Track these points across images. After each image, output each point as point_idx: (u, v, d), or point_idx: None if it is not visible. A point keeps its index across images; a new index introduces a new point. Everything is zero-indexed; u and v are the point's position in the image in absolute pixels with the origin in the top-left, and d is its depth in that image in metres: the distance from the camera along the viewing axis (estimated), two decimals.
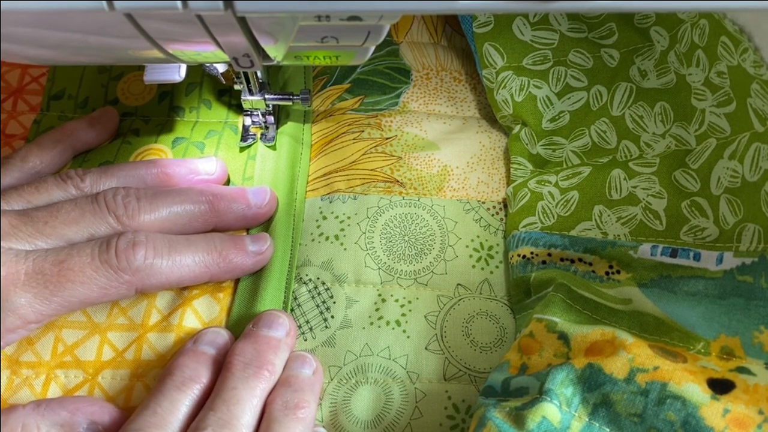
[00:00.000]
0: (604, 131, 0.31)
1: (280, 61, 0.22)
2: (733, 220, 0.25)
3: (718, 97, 0.27)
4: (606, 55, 0.33)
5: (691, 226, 0.27)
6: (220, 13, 0.16)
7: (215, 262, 0.27)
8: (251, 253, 0.28)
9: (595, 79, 0.33)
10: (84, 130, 0.32)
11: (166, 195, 0.27)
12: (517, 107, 0.32)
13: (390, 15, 0.18)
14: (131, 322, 0.27)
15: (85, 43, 0.20)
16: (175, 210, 0.27)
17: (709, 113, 0.28)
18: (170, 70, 0.28)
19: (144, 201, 0.27)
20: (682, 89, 0.30)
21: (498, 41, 0.33)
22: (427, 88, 0.36)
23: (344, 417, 0.25)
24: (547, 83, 0.33)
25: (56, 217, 0.25)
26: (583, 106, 0.32)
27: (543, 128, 0.32)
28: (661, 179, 0.28)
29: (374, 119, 0.34)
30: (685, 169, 0.28)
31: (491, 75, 0.33)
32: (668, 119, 0.30)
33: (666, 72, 0.31)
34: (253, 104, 0.31)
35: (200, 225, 0.28)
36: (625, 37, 0.33)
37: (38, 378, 0.26)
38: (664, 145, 0.30)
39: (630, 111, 0.31)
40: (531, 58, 0.33)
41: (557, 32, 0.34)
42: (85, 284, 0.24)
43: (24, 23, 0.18)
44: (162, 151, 0.33)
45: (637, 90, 0.32)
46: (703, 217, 0.26)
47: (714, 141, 0.27)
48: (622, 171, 0.29)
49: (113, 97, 0.35)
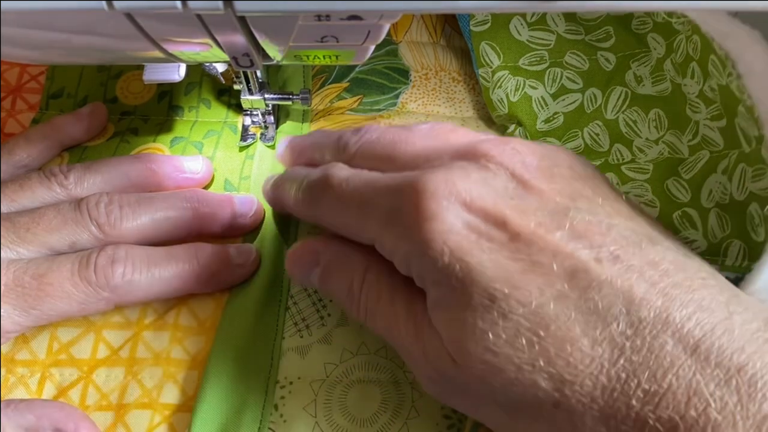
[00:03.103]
0: (597, 134, 0.32)
1: (280, 60, 0.22)
2: (721, 234, 0.25)
3: (712, 111, 0.27)
4: (602, 59, 0.33)
5: (681, 237, 0.27)
6: (220, 12, 0.16)
7: (196, 276, 0.26)
8: (235, 266, 0.27)
9: (591, 81, 0.33)
10: (72, 126, 0.32)
11: (150, 202, 0.27)
12: (513, 107, 0.32)
13: (390, 14, 0.18)
14: (126, 320, 0.27)
15: (84, 43, 0.20)
16: (158, 217, 0.27)
17: (703, 126, 0.28)
18: (170, 70, 0.28)
19: (127, 209, 0.26)
20: (677, 98, 0.30)
21: (495, 40, 0.33)
22: (426, 89, 0.36)
23: (340, 415, 0.25)
24: (542, 84, 0.33)
25: (38, 224, 0.25)
26: (577, 108, 0.32)
27: (537, 129, 0.32)
28: (654, 187, 0.29)
29: (372, 121, 0.34)
30: (677, 178, 0.28)
31: (487, 74, 0.33)
32: (662, 126, 0.30)
33: (662, 80, 0.31)
34: (253, 104, 0.31)
35: (184, 232, 0.28)
36: (622, 41, 0.33)
37: (33, 376, 0.26)
38: (657, 152, 0.30)
39: (624, 115, 0.31)
40: (527, 58, 0.33)
41: (554, 33, 0.34)
42: (64, 299, 0.24)
43: (23, 23, 0.18)
44: (160, 150, 0.33)
45: (632, 95, 0.32)
46: (693, 228, 0.27)
47: (707, 153, 0.27)
48: (615, 175, 0.30)
49: (112, 95, 0.35)
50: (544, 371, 0.16)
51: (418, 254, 0.19)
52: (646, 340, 0.16)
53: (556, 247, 0.17)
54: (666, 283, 0.16)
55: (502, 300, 0.17)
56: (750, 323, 0.16)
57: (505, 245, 0.18)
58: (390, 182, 0.21)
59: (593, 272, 0.17)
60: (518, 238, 0.18)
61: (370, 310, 0.22)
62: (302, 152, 0.29)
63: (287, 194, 0.26)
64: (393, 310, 0.21)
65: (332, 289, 0.24)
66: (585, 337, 0.16)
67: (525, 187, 0.19)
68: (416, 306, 0.20)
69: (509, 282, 0.17)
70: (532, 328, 0.16)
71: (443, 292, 0.18)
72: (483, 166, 0.20)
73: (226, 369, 0.25)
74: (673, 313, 0.16)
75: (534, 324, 0.17)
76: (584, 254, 0.17)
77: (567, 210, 0.18)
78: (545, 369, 0.16)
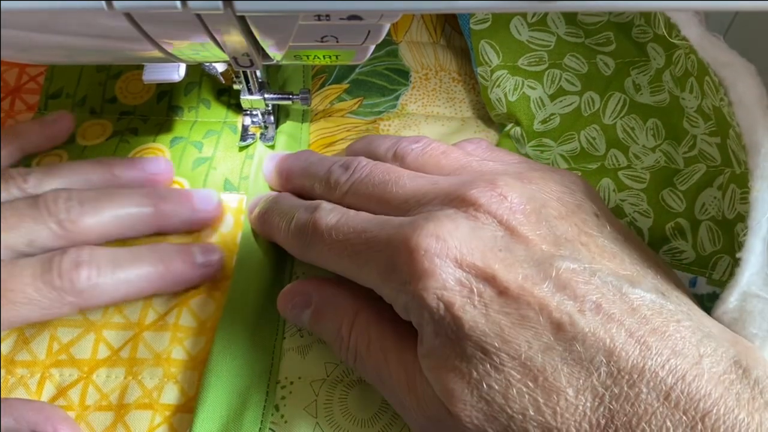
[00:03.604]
0: (593, 138, 0.32)
1: (280, 60, 0.22)
2: (711, 248, 0.26)
3: (710, 127, 0.27)
4: (601, 63, 0.33)
5: (671, 247, 0.27)
6: (220, 12, 0.16)
7: (161, 277, 0.26)
8: (198, 265, 0.27)
9: (589, 85, 0.33)
10: (35, 134, 0.31)
11: (110, 198, 0.27)
12: (511, 107, 0.32)
13: (390, 14, 0.18)
14: (127, 320, 0.27)
15: (83, 43, 0.20)
16: (118, 213, 0.27)
17: (700, 140, 0.28)
18: (169, 70, 0.28)
19: (87, 205, 0.26)
20: (674, 110, 0.30)
21: (494, 39, 0.33)
22: (426, 89, 0.36)
23: (341, 415, 0.25)
24: (541, 85, 0.33)
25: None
26: (574, 111, 0.32)
27: (534, 129, 0.32)
28: (650, 198, 0.29)
29: (372, 124, 0.34)
30: (672, 189, 0.28)
31: (486, 73, 0.33)
32: (659, 135, 0.31)
33: (660, 90, 0.31)
34: (253, 104, 0.31)
35: (144, 228, 0.28)
36: (622, 47, 0.33)
37: (33, 377, 0.26)
38: (654, 159, 0.30)
39: (622, 121, 0.31)
40: (527, 58, 0.33)
41: (554, 35, 0.34)
42: (26, 305, 0.24)
43: (23, 24, 0.18)
44: (160, 150, 0.33)
45: (631, 102, 0.32)
46: (683, 239, 0.27)
47: (704, 167, 0.27)
48: (611, 182, 0.30)
49: (111, 95, 0.35)
50: (534, 420, 0.18)
51: (416, 306, 0.20)
52: (623, 389, 0.17)
53: (542, 301, 0.18)
54: (643, 331, 0.18)
55: (494, 353, 0.18)
56: (718, 365, 0.17)
57: (495, 300, 0.19)
58: (382, 236, 0.21)
59: (577, 325, 0.18)
60: (507, 292, 0.19)
61: (359, 355, 0.23)
62: (290, 178, 0.29)
63: (276, 229, 0.26)
64: (383, 357, 0.22)
65: (322, 331, 0.24)
66: (570, 386, 0.18)
67: (513, 235, 0.20)
68: (407, 354, 0.21)
69: (500, 336, 0.18)
70: (522, 379, 0.18)
71: (439, 342, 0.19)
72: (472, 216, 0.20)
73: (227, 369, 0.25)
74: (649, 362, 0.17)
75: (524, 375, 0.18)
76: (568, 307, 0.18)
77: (552, 259, 0.19)
78: (535, 418, 0.18)
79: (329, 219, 0.23)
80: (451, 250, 0.19)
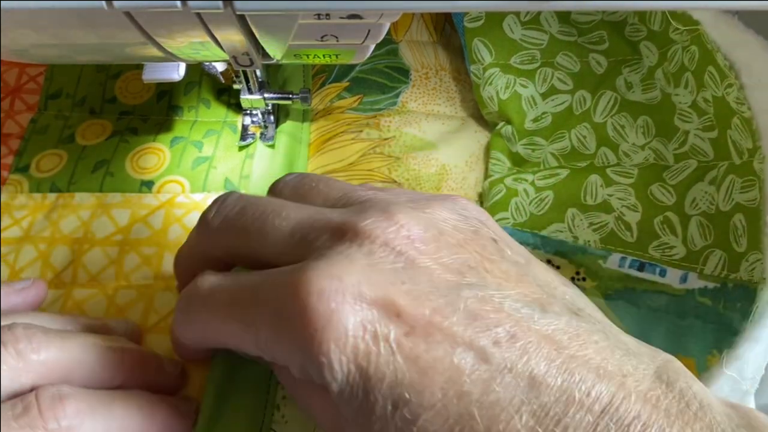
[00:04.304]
0: (584, 136, 0.32)
1: (280, 59, 0.22)
2: (701, 243, 0.26)
3: (704, 122, 0.28)
4: (593, 61, 0.33)
5: (661, 242, 0.27)
6: (220, 11, 0.16)
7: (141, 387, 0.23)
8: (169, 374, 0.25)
9: (581, 83, 0.33)
10: (9, 296, 0.27)
11: None
12: (502, 105, 0.33)
13: (390, 13, 0.18)
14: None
15: (83, 43, 0.20)
16: None
17: (693, 135, 0.28)
18: (169, 69, 0.28)
19: None
20: (665, 108, 0.30)
21: (487, 37, 0.33)
22: (426, 88, 0.36)
23: None
24: (533, 83, 0.33)
25: None
26: (565, 110, 0.33)
27: (525, 128, 0.32)
28: (638, 192, 0.29)
29: (373, 119, 0.34)
30: (662, 183, 0.28)
31: (479, 71, 0.33)
32: (649, 133, 0.31)
33: (651, 88, 0.31)
34: (253, 103, 0.31)
35: None
36: (615, 46, 0.33)
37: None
38: (642, 157, 0.30)
39: (612, 120, 0.32)
40: (519, 57, 0.33)
41: (547, 33, 0.34)
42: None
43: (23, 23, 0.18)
44: (160, 150, 0.33)
45: (622, 101, 0.32)
46: (672, 234, 0.27)
47: (695, 162, 0.28)
48: (599, 177, 0.30)
49: (111, 95, 0.35)
50: None
51: (315, 366, 0.17)
52: (548, 428, 0.16)
53: (454, 336, 0.17)
54: (563, 357, 0.17)
55: (405, 407, 0.16)
56: (642, 383, 0.17)
57: (403, 342, 0.17)
58: (267, 284, 0.19)
59: (493, 361, 0.16)
60: (415, 330, 0.17)
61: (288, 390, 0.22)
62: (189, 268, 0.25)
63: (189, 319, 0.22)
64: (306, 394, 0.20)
65: None
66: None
67: (413, 266, 0.18)
68: None
69: (411, 386, 0.16)
70: (438, 431, 0.16)
71: (346, 399, 0.17)
72: (368, 250, 0.18)
73: (228, 369, 0.25)
74: (574, 392, 0.16)
75: (439, 427, 0.16)
76: (482, 340, 0.17)
77: (458, 288, 0.18)
78: None
79: (209, 279, 0.21)
80: (347, 290, 0.17)
